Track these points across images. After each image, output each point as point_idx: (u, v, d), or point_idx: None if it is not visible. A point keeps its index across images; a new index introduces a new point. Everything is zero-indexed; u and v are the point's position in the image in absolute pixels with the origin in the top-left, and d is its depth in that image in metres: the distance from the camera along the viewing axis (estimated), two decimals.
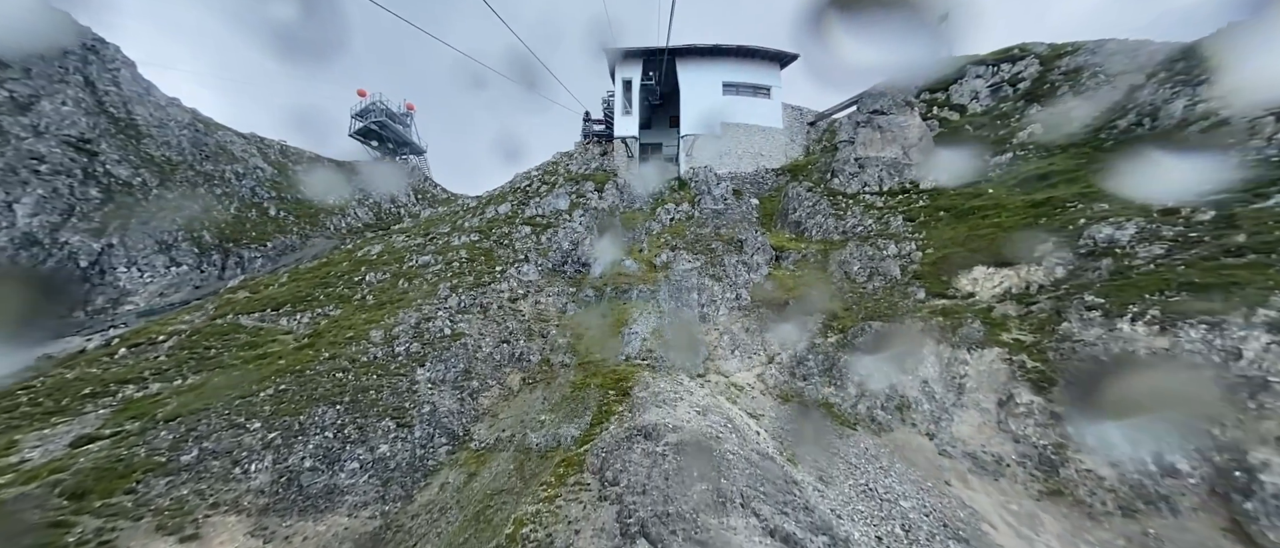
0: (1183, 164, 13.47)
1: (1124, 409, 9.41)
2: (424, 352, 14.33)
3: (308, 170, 37.72)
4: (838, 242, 21.63)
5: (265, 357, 13.79)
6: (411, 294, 17.60)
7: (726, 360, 16.79)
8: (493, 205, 27.88)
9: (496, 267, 20.73)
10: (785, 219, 26.35)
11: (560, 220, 26.30)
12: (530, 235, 24.21)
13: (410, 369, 13.61)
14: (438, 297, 17.30)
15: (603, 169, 33.92)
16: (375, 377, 13.10)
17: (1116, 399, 9.66)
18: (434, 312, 16.23)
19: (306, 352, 13.94)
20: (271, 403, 11.79)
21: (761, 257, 22.35)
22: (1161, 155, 14.09)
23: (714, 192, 29.71)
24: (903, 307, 15.63)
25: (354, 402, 12.14)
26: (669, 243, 24.55)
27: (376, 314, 15.97)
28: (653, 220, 27.83)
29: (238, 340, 14.75)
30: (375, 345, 14.24)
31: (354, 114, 43.08)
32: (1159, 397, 9.31)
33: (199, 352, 14.05)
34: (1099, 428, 9.53)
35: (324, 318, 16.32)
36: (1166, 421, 8.86)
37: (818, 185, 26.40)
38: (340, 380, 12.79)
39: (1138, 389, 9.55)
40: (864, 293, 17.75)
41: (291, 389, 12.28)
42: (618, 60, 35.55)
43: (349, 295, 17.86)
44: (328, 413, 11.65)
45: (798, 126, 34.15)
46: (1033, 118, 19.35)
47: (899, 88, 25.31)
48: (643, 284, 20.69)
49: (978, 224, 16.63)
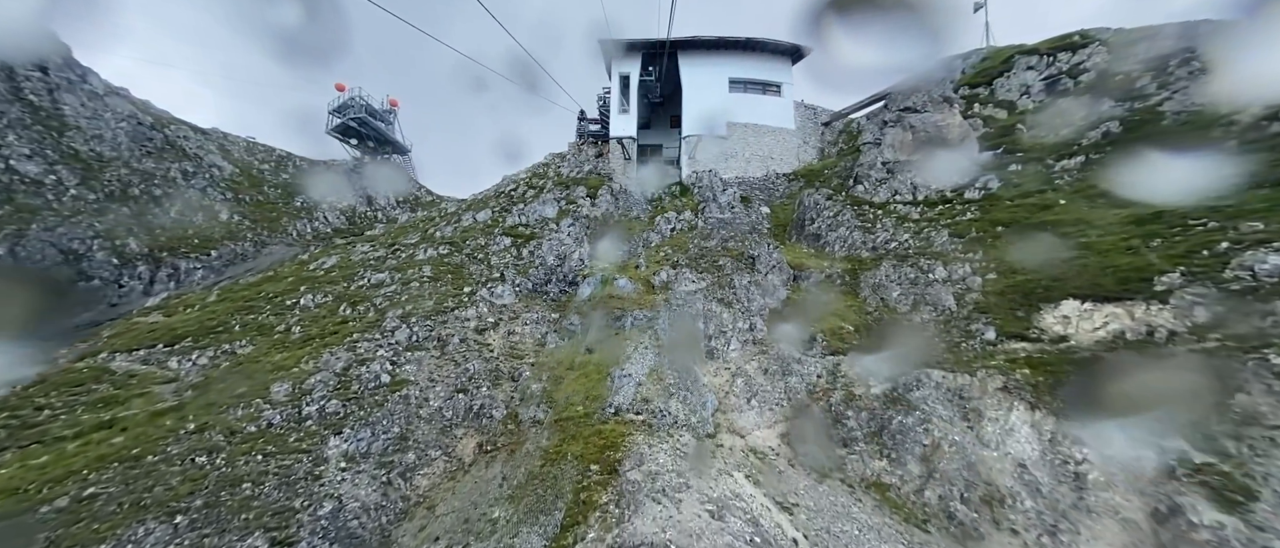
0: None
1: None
2: (345, 413, 10.65)
3: (276, 170, 34.03)
4: (868, 260, 18.06)
5: (112, 424, 10.06)
6: (351, 325, 13.99)
7: (742, 412, 13.18)
8: (470, 212, 24.25)
9: (465, 287, 17.11)
10: (801, 231, 22.79)
11: (546, 230, 22.67)
12: (509, 248, 20.58)
13: (319, 441, 9.91)
14: (382, 329, 13.68)
15: (596, 173, 30.33)
16: (260, 458, 9.39)
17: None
18: (372, 351, 12.58)
19: (166, 419, 10.20)
20: (62, 521, 7.82)
21: (777, 276, 18.76)
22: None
23: (720, 198, 26.14)
24: (967, 351, 12.05)
25: (210, 506, 8.26)
26: (670, 258, 20.95)
27: (295, 355, 12.29)
28: (651, 231, 24.23)
29: (92, 396, 11.03)
30: (275, 405, 10.51)
31: (331, 110, 39.43)
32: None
33: (24, 415, 10.31)
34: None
35: (227, 358, 12.66)
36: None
37: (838, 193, 22.84)
38: (199, 469, 8.95)
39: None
40: (911, 327, 14.16)
41: (110, 491, 8.45)
42: (614, 54, 32.03)
43: (272, 325, 14.20)
44: (154, 533, 7.83)
45: (811, 127, 30.63)
46: (1107, 114, 15.84)
47: (932, 83, 21.80)
48: (639, 309, 17.08)
49: (1055, 245, 13.06)
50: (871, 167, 22.08)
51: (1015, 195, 16.37)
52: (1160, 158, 13.21)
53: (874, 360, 13.07)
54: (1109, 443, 8.48)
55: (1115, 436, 8.46)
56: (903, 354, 12.85)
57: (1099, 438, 8.66)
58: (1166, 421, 8.16)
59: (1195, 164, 12.38)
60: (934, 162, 19.83)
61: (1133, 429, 8.27)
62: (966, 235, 16.27)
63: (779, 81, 30.82)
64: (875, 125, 23.50)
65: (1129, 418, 8.40)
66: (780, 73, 30.96)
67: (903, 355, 12.81)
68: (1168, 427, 8.03)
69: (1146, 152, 13.63)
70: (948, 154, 19.72)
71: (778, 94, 30.82)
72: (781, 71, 30.96)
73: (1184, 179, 12.11)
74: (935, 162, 19.77)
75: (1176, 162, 12.88)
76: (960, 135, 19.78)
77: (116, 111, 24.52)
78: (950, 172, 19.35)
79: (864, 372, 12.94)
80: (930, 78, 22.86)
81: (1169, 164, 12.88)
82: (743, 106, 30.52)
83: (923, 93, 21.11)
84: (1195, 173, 12.02)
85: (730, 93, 30.99)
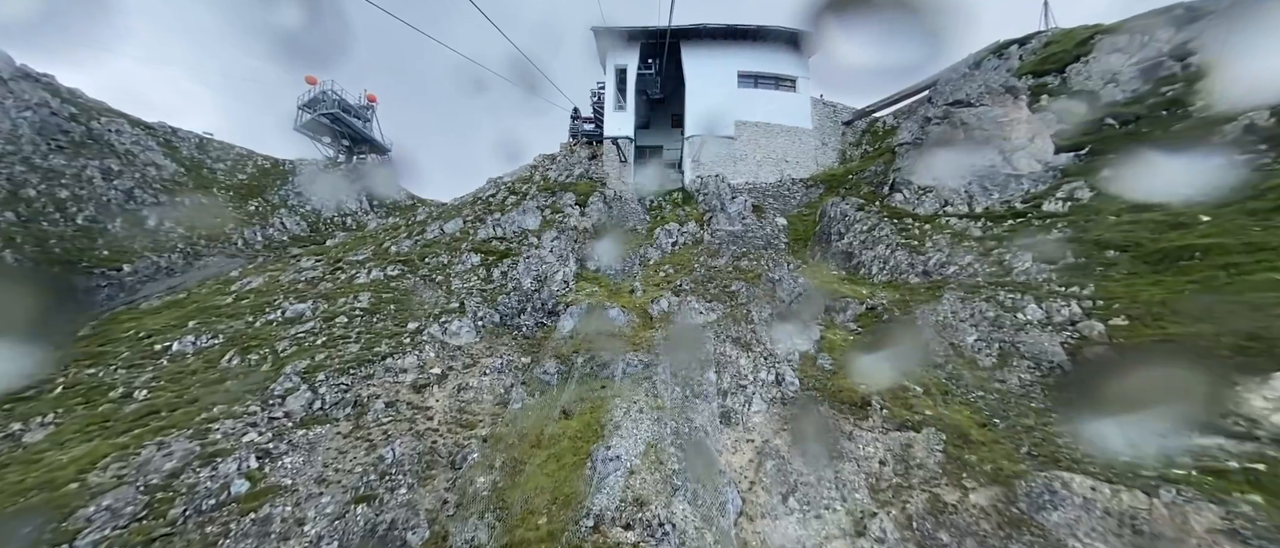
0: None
1: None
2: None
3: (232, 170, 29.85)
4: (922, 289, 13.97)
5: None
6: (227, 384, 9.82)
7: (775, 518, 9.06)
8: (438, 222, 20.12)
9: (410, 322, 12.99)
10: (827, 246, 18.71)
11: (524, 246, 18.54)
12: (477, 268, 16.46)
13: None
14: (268, 394, 9.54)
15: (588, 177, 26.22)
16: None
17: None
18: (236, 435, 8.36)
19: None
20: None
21: (806, 309, 14.67)
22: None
23: (729, 207, 22.05)
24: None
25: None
26: (671, 280, 16.83)
27: (107, 446, 8.04)
28: (650, 245, 20.13)
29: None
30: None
31: (300, 105, 35.24)
32: None
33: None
34: None
35: (4, 447, 8.46)
36: None
37: (871, 202, 18.76)
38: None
39: None
40: (1005, 393, 10.07)
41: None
42: (610, 45, 27.97)
43: (109, 386, 9.95)
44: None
45: (831, 127, 26.56)
46: (1247, 103, 11.80)
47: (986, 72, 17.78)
48: (633, 350, 12.98)
49: (1236, 283, 9.00)
50: (911, 171, 18.01)
51: (1121, 210, 12.29)
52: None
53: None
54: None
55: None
56: (1009, 445, 8.73)
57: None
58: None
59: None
60: (994, 165, 15.78)
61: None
62: (1058, 260, 12.20)
63: (794, 75, 26.78)
64: (914, 122, 19.45)
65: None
66: (795, 65, 26.91)
67: (1008, 446, 8.69)
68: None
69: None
70: (1014, 156, 15.67)
71: (792, 89, 26.77)
72: (797, 64, 26.91)
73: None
74: (996, 165, 15.72)
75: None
76: (1029, 133, 15.73)
77: (21, 99, 20.37)
78: (1018, 178, 15.31)
79: (951, 465, 8.82)
80: (980, 66, 18.82)
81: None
82: (753, 103, 26.49)
83: (977, 82, 17.07)
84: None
85: (739, 88, 26.97)
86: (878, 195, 18.87)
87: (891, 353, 12.11)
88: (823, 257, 18.57)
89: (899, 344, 12.36)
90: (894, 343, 12.46)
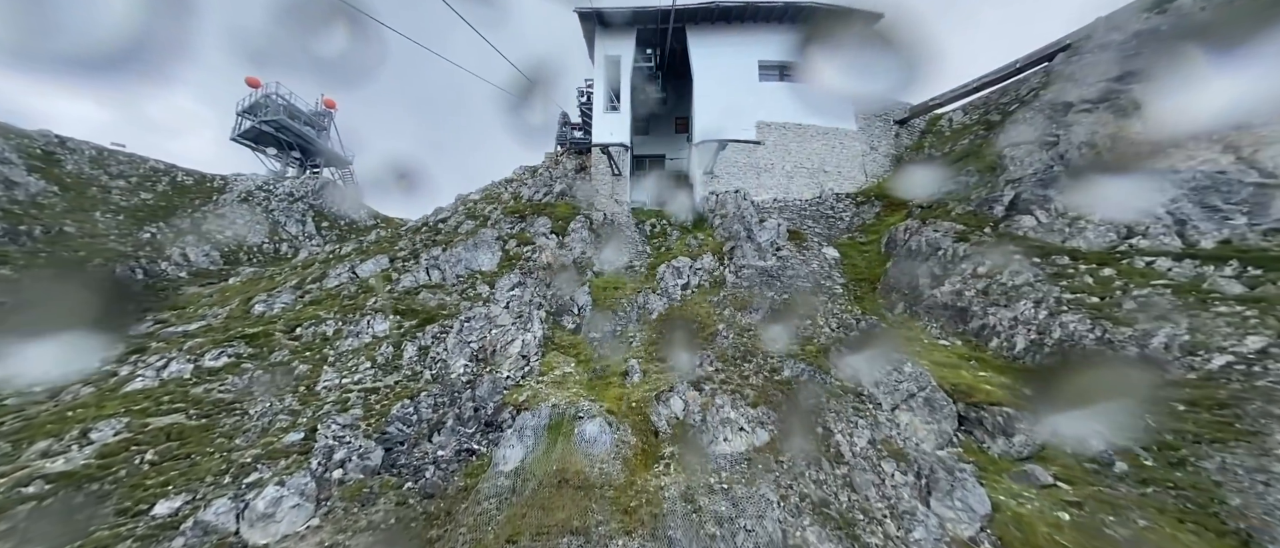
0: None
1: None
2: None
3: (136, 188, 23.32)
4: (1154, 391, 7.27)
5: None
6: None
7: None
8: (347, 264, 13.46)
9: (178, 495, 6.24)
10: (916, 295, 12.01)
11: (468, 299, 11.90)
12: (380, 343, 9.78)
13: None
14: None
15: (569, 196, 19.65)
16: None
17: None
18: None
19: None
20: None
21: (932, 423, 7.98)
22: None
23: (758, 234, 15.45)
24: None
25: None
26: (679, 363, 10.12)
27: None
28: (651, 291, 13.51)
29: None
30: None
31: (240, 111, 28.80)
32: None
33: None
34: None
35: None
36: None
37: (977, 229, 12.12)
38: None
39: None
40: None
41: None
42: (600, 30, 21.59)
43: None
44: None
45: (881, 127, 19.99)
46: None
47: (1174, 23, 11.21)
48: (625, 517, 6.32)
49: None
50: (1047, 184, 11.37)
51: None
52: None
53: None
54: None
55: None
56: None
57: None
58: None
59: None
60: (1225, 171, 9.16)
61: None
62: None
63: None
64: (1039, 115, 12.85)
65: None
66: None
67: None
68: None
69: None
70: (1264, 153, 9.06)
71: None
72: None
73: None
74: (1229, 171, 9.11)
75: None
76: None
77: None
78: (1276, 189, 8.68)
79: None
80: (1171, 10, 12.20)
81: None
82: (780, 100, 20.05)
83: (1163, 42, 10.49)
84: None
85: (761, 81, 20.54)
86: (987, 219, 12.22)
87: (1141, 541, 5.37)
88: (909, 311, 11.88)
89: (1146, 519, 5.60)
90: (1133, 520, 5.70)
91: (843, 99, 19.72)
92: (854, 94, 20.00)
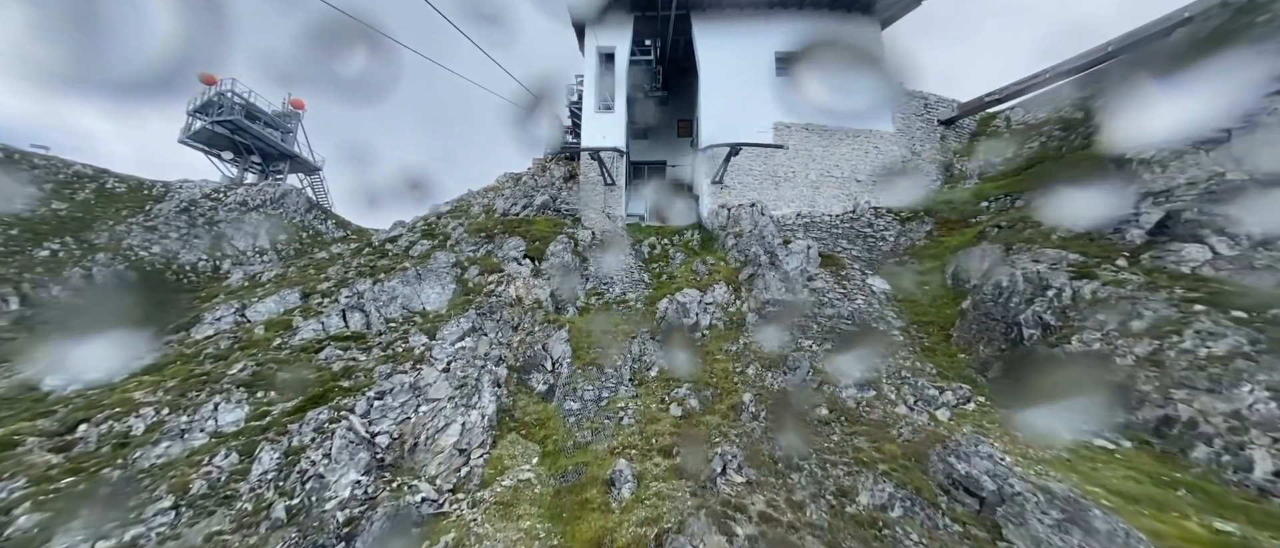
0: None
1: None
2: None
3: (49, 198, 19.60)
4: None
5: None
6: None
7: None
8: (235, 300, 9.74)
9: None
10: (1019, 356, 8.38)
11: (390, 361, 8.21)
12: (209, 453, 6.04)
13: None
14: None
15: (553, 210, 16.02)
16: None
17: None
18: None
19: None
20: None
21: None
22: None
23: (784, 261, 11.83)
24: None
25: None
26: (689, 461, 6.45)
27: None
28: (649, 334, 9.85)
29: None
30: None
31: (191, 110, 25.13)
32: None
33: None
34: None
35: None
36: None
37: (1105, 261, 8.51)
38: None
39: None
40: None
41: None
42: (591, 18, 18.07)
43: None
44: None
45: (924, 130, 16.40)
46: None
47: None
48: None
49: None
50: (1219, 197, 7.80)
51: None
52: None
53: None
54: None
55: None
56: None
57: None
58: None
59: None
60: None
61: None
62: None
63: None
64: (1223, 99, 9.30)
65: None
66: (863, 40, 17.11)
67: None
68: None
69: None
70: None
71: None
72: (865, 38, 17.12)
73: None
74: None
75: None
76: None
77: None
78: None
79: None
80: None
81: None
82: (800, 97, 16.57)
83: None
84: None
85: (779, 76, 17.10)
86: (1117, 247, 8.62)
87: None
88: (1011, 378, 8.23)
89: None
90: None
91: (877, 95, 16.18)
92: (890, 90, 16.47)
